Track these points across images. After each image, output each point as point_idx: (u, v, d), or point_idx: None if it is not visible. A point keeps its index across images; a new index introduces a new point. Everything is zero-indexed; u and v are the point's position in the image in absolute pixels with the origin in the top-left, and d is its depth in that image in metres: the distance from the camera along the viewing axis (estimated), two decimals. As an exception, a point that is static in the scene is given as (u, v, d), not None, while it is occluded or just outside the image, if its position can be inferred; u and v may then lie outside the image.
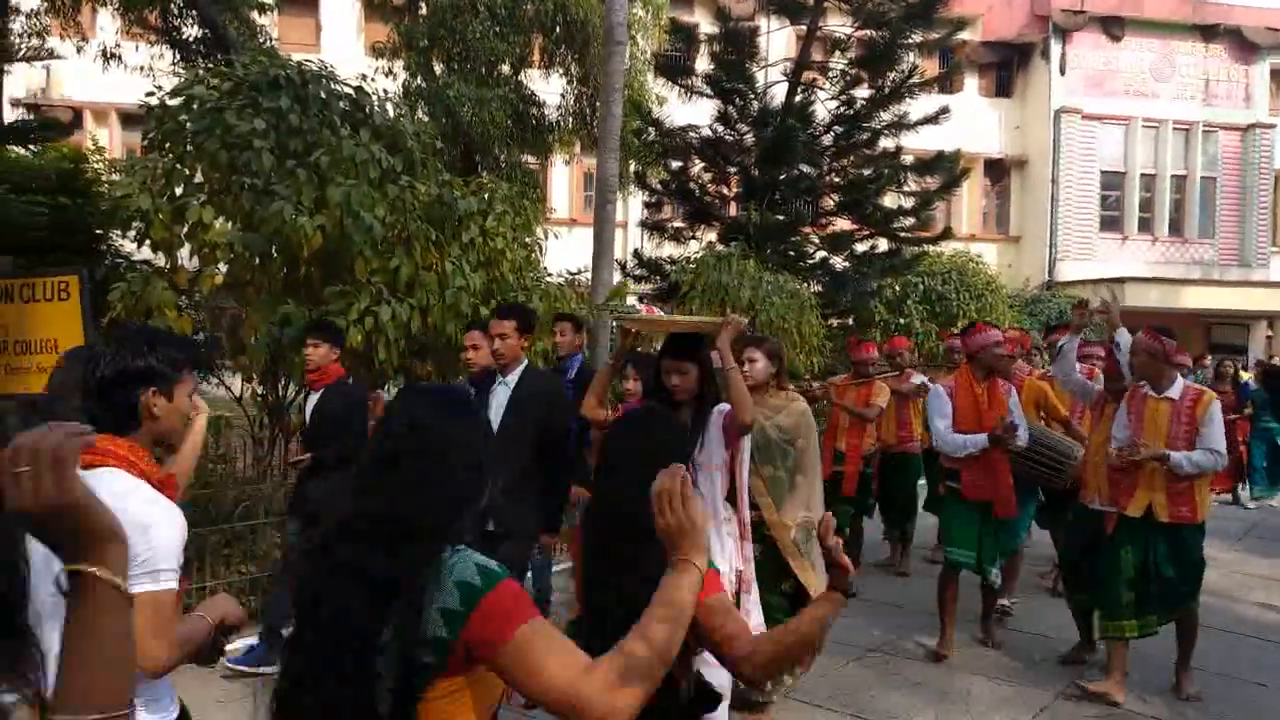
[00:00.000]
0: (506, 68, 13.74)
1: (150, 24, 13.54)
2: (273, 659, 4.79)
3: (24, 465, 0.99)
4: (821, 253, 13.62)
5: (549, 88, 14.47)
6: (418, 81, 13.09)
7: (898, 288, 15.51)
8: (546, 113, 14.18)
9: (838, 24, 13.61)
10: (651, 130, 13.89)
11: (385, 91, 7.51)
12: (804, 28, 13.55)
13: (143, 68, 13.16)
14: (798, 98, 13.24)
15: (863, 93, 13.38)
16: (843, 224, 13.91)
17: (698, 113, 13.76)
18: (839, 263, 13.69)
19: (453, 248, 6.59)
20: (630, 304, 5.41)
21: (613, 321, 6.08)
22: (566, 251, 11.64)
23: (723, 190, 14.01)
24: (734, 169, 13.64)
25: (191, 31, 13.12)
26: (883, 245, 14.13)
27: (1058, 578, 6.66)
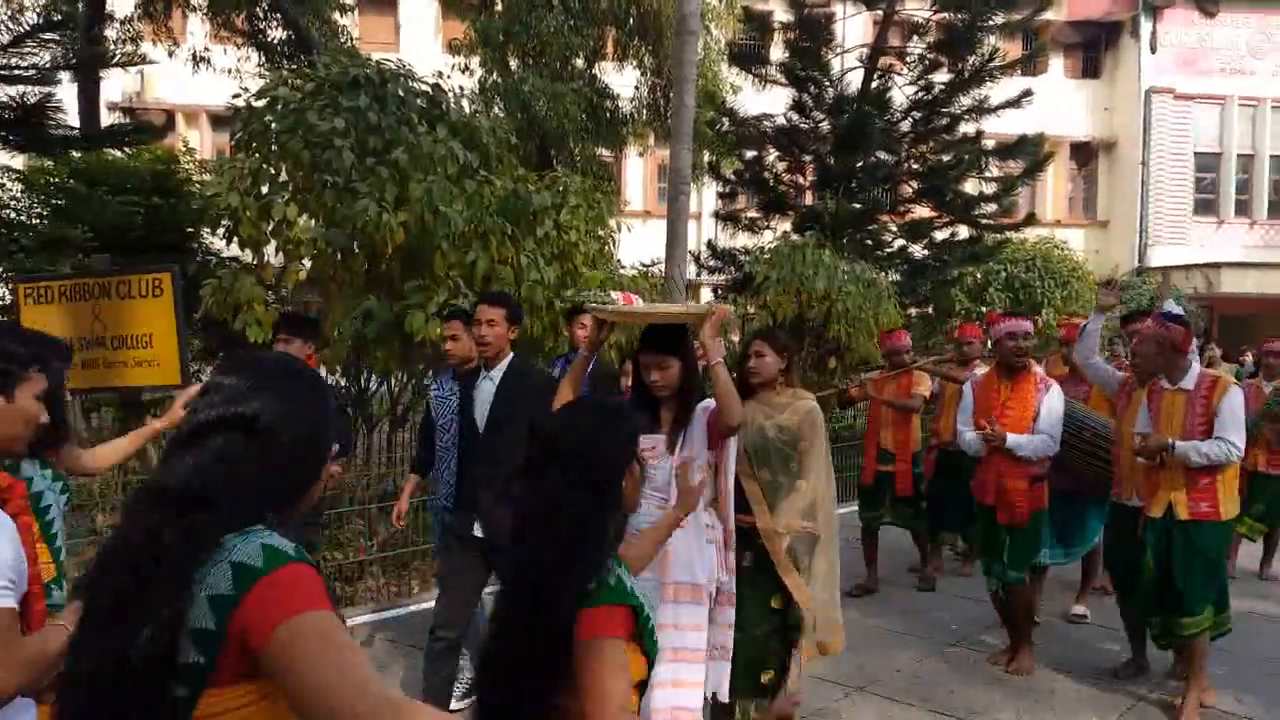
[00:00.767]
0: (580, 61, 13.83)
1: (237, 27, 14.00)
2: None
3: None
4: (900, 241, 13.42)
5: (623, 80, 14.53)
6: (493, 77, 13.24)
7: (979, 275, 15.20)
8: (620, 105, 14.23)
9: (915, 7, 13.38)
10: (725, 120, 13.85)
11: (461, 88, 7.61)
12: (880, 12, 13.38)
13: (230, 70, 13.58)
14: (874, 84, 13.05)
15: (942, 77, 13.12)
16: (922, 211, 13.69)
17: (772, 101, 13.64)
18: (918, 251, 13.48)
19: (527, 242, 6.67)
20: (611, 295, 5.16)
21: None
22: (641, 243, 11.68)
23: (797, 179, 13.89)
24: (809, 157, 13.50)
25: (276, 34, 13.54)
26: (963, 232, 13.87)
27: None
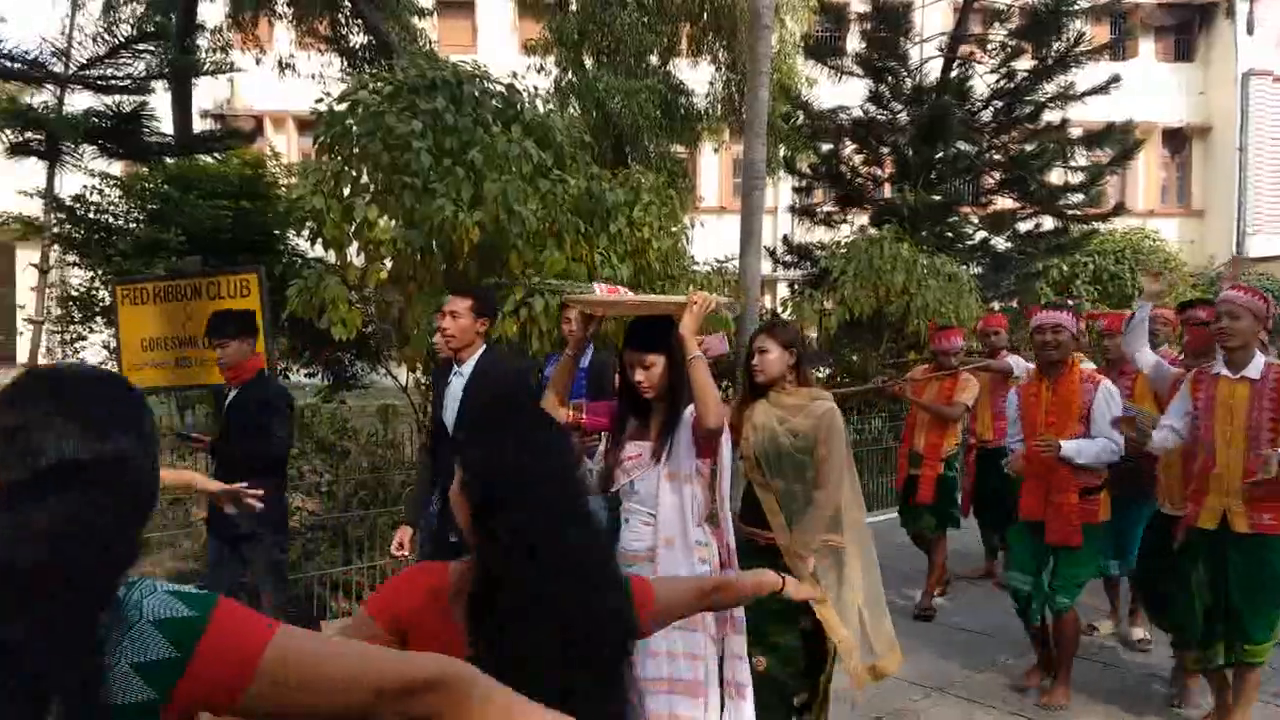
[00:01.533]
0: (655, 58, 13.86)
1: (320, 34, 14.38)
2: None
3: None
4: (981, 233, 13.14)
5: (697, 76, 14.50)
6: (569, 76, 13.36)
7: (1065, 268, 14.80)
8: (695, 101, 14.21)
9: (997, -7, 13.07)
10: (800, 114, 13.72)
11: (536, 88, 7.68)
12: (960, 0, 13.08)
13: (314, 75, 13.95)
14: (954, 73, 12.82)
15: (1024, 64, 12.80)
16: (1004, 203, 13.39)
17: (848, 93, 13.47)
18: (1000, 243, 13.19)
19: (601, 239, 6.70)
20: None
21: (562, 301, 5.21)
22: (717, 239, 11.64)
23: (875, 172, 13.69)
24: (887, 149, 13.28)
25: (358, 39, 13.86)
26: (1048, 223, 13.52)
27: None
